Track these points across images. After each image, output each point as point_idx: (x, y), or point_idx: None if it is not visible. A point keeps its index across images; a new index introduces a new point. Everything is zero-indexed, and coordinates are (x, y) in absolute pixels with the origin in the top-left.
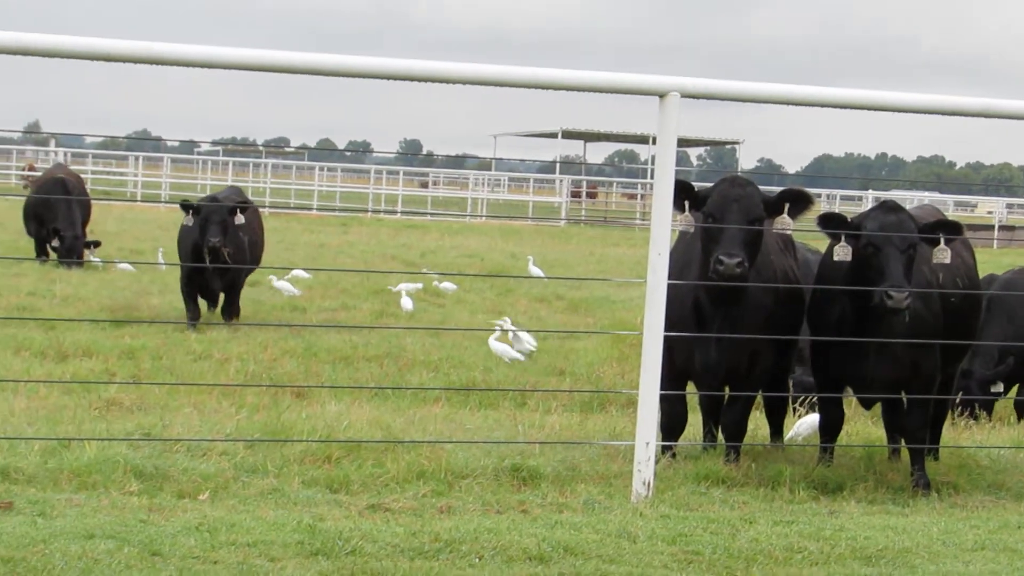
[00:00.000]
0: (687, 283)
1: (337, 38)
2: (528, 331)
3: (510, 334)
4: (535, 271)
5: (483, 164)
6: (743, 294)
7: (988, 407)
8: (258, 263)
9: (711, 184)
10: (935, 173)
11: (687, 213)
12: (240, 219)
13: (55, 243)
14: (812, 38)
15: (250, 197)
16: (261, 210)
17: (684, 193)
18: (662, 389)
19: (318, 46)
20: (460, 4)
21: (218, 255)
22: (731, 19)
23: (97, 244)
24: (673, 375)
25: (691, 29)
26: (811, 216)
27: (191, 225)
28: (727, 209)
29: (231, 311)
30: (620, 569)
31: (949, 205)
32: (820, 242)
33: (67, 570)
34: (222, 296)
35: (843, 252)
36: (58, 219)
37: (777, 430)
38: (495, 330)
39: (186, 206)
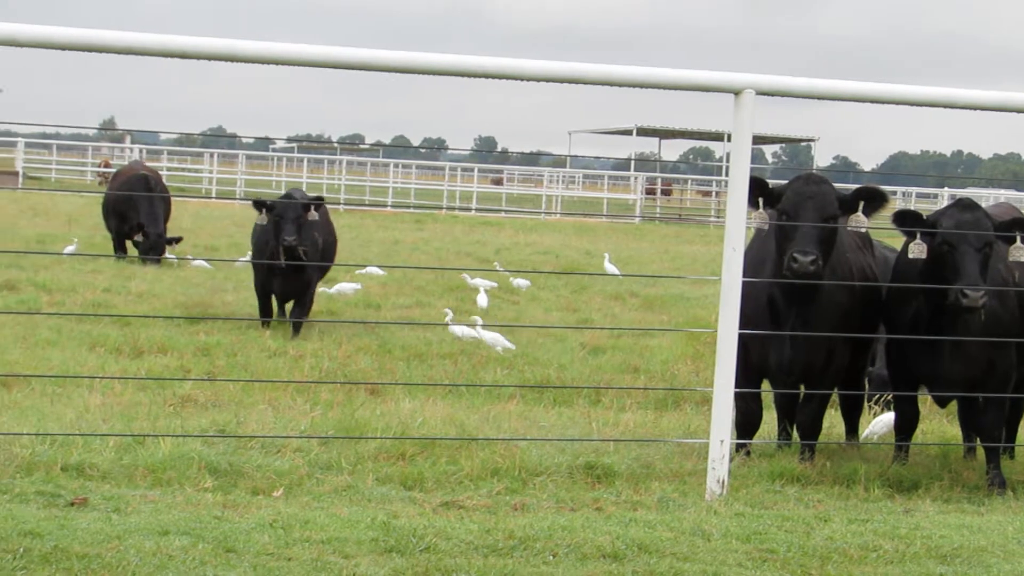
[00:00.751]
0: (762, 280)
1: (410, 35)
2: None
3: (477, 330)
4: (611, 268)
5: (558, 161)
6: (818, 292)
7: None
8: (332, 262)
9: (786, 181)
10: (1011, 170)
11: (761, 210)
12: (314, 215)
13: (138, 238)
14: (883, 34)
15: (325, 194)
16: (336, 207)
17: (758, 190)
18: (737, 387)
19: (392, 43)
20: (534, 1)
21: (293, 254)
22: (803, 16)
23: (178, 240)
24: (748, 373)
25: (765, 26)
26: (887, 214)
27: (265, 223)
28: (802, 206)
29: (303, 313)
30: (694, 567)
31: None
32: (896, 240)
33: (141, 566)
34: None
35: (918, 250)
36: (141, 216)
37: (852, 428)
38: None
39: (259, 204)
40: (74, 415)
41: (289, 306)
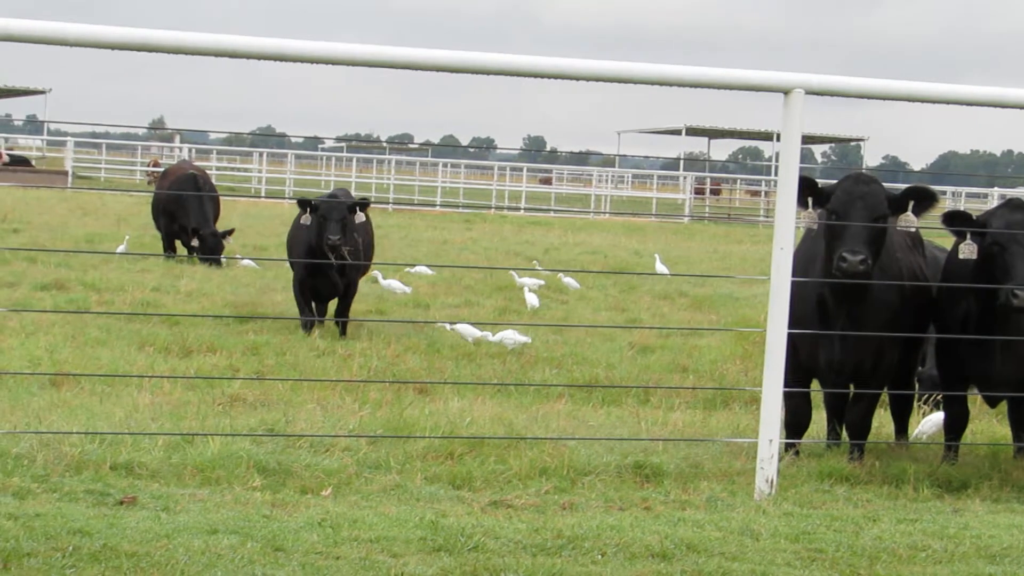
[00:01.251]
0: (811, 280)
1: (465, 36)
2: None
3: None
4: (661, 268)
5: (607, 161)
6: (868, 291)
7: None
8: (370, 262)
9: (835, 181)
10: None
11: (811, 210)
12: (360, 217)
13: (195, 243)
14: (943, 34)
15: (373, 193)
16: (385, 207)
17: (808, 190)
18: (786, 386)
19: (444, 43)
20: (591, 2)
21: (337, 253)
22: (866, 16)
23: (231, 232)
24: (797, 372)
25: (827, 26)
26: (937, 214)
27: (308, 224)
28: (851, 206)
29: (346, 312)
30: (743, 567)
31: None
32: (947, 240)
33: (190, 565)
34: (331, 302)
35: (968, 250)
36: (191, 216)
37: (902, 428)
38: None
39: (304, 203)
40: (123, 414)
41: (333, 305)
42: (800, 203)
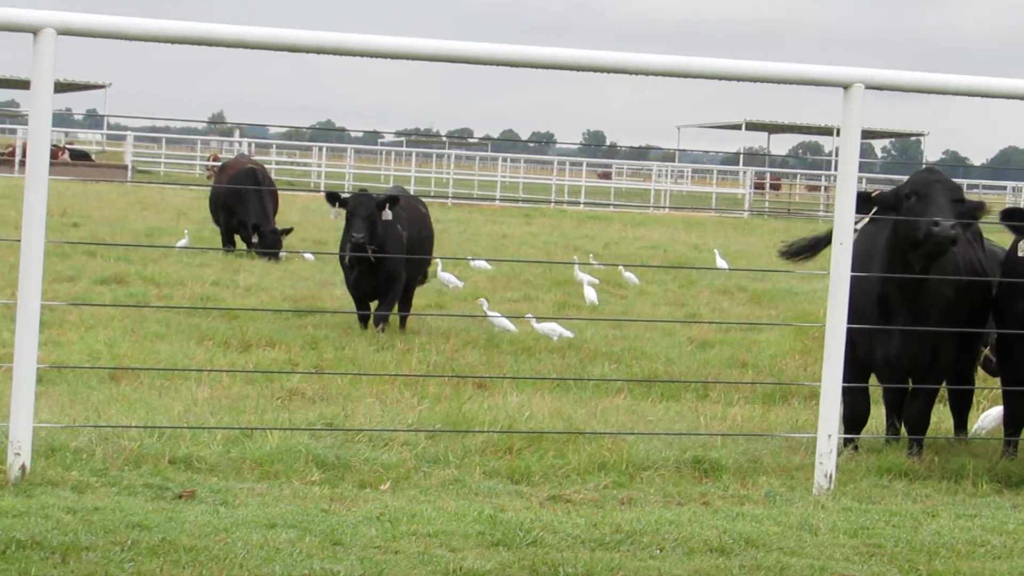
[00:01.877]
0: (871, 275)
1: (530, 31)
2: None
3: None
4: (721, 263)
5: (667, 155)
6: (928, 286)
7: None
8: (427, 256)
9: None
10: None
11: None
12: (388, 215)
13: (255, 239)
14: (1014, 30)
15: (432, 188)
16: (444, 201)
17: (866, 204)
18: (845, 382)
19: (508, 38)
20: None
21: (361, 252)
22: (934, 11)
23: (289, 230)
24: (856, 368)
25: (893, 22)
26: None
27: (336, 219)
28: (931, 187)
29: (387, 309)
30: (801, 562)
31: None
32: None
33: (248, 559)
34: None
35: None
36: (250, 211)
37: (961, 423)
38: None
39: (332, 197)
40: (182, 408)
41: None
42: (860, 211)
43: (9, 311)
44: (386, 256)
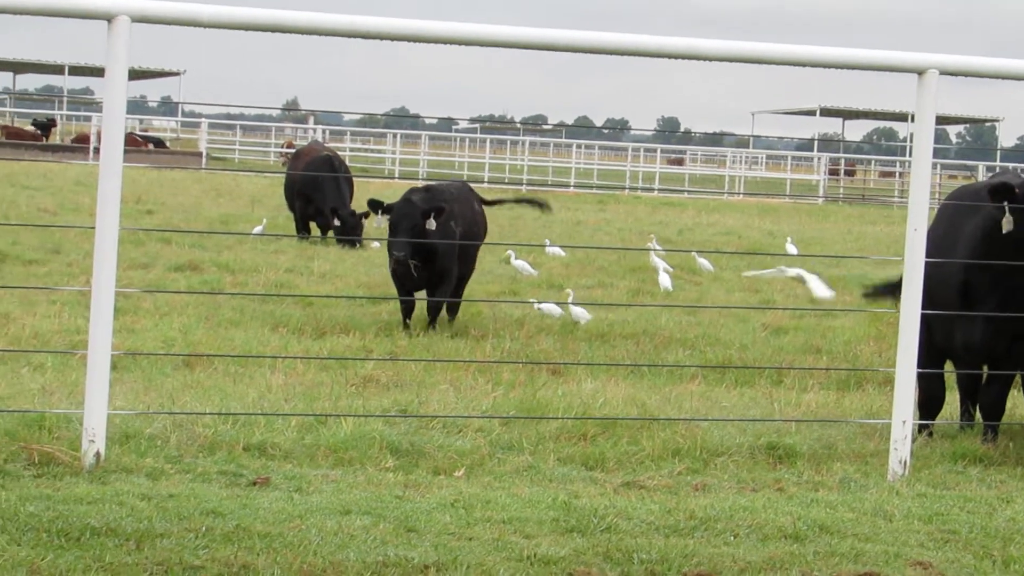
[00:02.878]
0: (953, 262)
1: (608, 17)
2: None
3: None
4: (791, 250)
5: (741, 142)
6: (1013, 273)
7: None
8: (476, 250)
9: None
10: None
11: (1008, 216)
12: (432, 224)
13: (336, 223)
14: None
15: (507, 175)
16: (518, 188)
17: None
18: (920, 367)
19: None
20: None
21: (404, 268)
22: None
23: (365, 215)
24: (932, 354)
25: (972, 5)
26: None
27: (381, 227)
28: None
29: (439, 303)
30: (876, 548)
31: None
32: None
33: (323, 545)
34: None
35: None
36: (328, 197)
37: None
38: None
39: (376, 204)
40: (256, 395)
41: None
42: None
43: (84, 298)
44: (434, 258)
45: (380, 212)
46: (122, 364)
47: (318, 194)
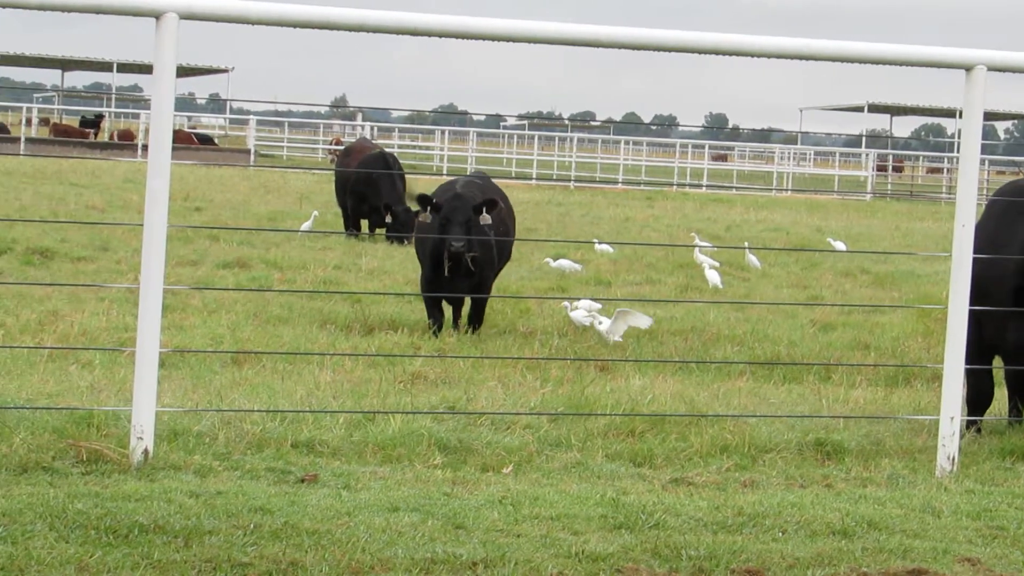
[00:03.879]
0: (1004, 258)
1: (661, 12)
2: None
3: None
4: (838, 246)
5: (789, 138)
6: None
7: None
8: (507, 256)
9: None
10: None
11: None
12: (487, 219)
13: (388, 219)
14: None
15: (555, 171)
16: (567, 185)
17: None
18: (968, 363)
19: (628, 21)
20: None
21: (460, 261)
22: None
23: (417, 213)
24: (981, 350)
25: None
26: None
27: (428, 222)
28: None
29: (479, 313)
30: (924, 544)
31: None
32: None
33: (371, 542)
34: (467, 303)
35: None
36: (382, 194)
37: None
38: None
39: (425, 200)
40: (304, 392)
41: (466, 309)
42: None
43: (132, 295)
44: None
45: (429, 209)
46: (170, 361)
47: (373, 192)
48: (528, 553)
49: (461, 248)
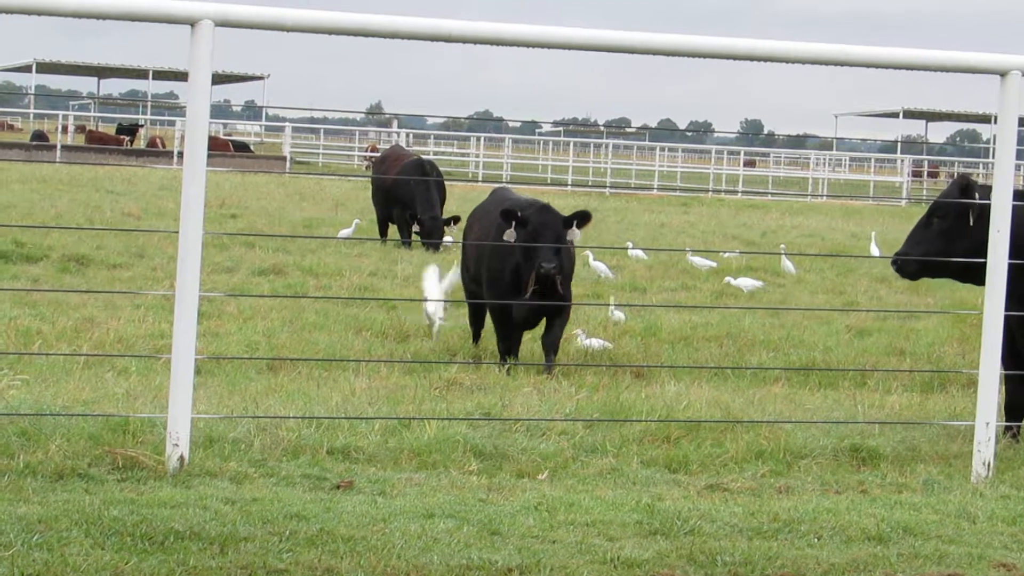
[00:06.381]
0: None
1: (695, 19)
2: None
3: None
4: (875, 251)
5: (824, 144)
6: None
7: None
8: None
9: None
10: None
11: None
12: (576, 235)
13: (416, 228)
14: None
15: (590, 177)
16: (602, 191)
17: None
18: (1004, 369)
19: (663, 28)
20: None
21: (550, 284)
22: None
23: (457, 220)
24: (1017, 356)
25: None
26: None
27: (512, 240)
28: None
29: (557, 337)
30: (959, 550)
31: None
32: None
33: (407, 549)
34: (543, 322)
35: None
36: (417, 202)
37: None
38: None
39: (509, 215)
40: (340, 398)
41: (538, 331)
42: None
43: (168, 302)
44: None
45: (514, 224)
46: (206, 368)
47: (410, 199)
48: (563, 559)
49: (554, 271)
